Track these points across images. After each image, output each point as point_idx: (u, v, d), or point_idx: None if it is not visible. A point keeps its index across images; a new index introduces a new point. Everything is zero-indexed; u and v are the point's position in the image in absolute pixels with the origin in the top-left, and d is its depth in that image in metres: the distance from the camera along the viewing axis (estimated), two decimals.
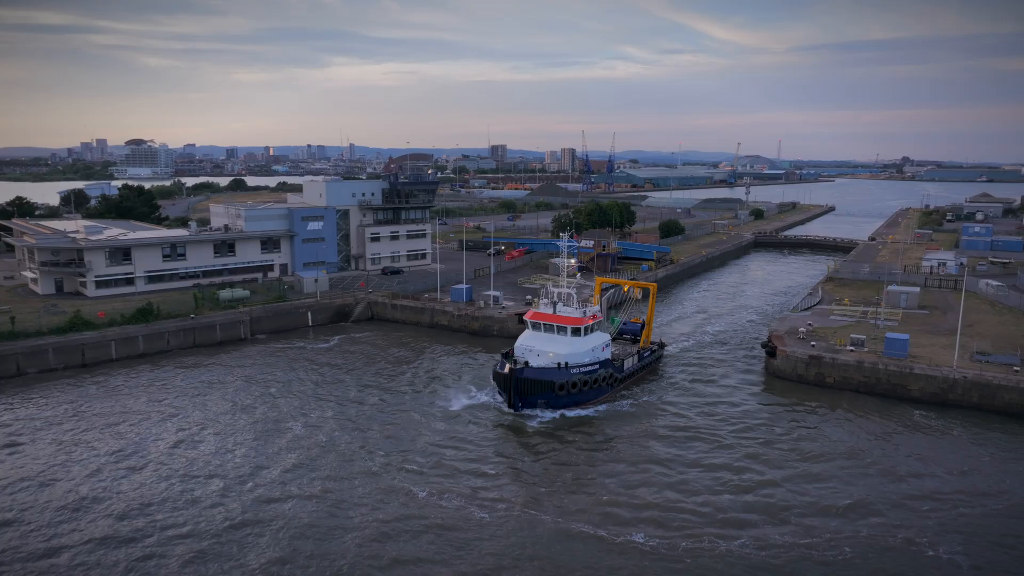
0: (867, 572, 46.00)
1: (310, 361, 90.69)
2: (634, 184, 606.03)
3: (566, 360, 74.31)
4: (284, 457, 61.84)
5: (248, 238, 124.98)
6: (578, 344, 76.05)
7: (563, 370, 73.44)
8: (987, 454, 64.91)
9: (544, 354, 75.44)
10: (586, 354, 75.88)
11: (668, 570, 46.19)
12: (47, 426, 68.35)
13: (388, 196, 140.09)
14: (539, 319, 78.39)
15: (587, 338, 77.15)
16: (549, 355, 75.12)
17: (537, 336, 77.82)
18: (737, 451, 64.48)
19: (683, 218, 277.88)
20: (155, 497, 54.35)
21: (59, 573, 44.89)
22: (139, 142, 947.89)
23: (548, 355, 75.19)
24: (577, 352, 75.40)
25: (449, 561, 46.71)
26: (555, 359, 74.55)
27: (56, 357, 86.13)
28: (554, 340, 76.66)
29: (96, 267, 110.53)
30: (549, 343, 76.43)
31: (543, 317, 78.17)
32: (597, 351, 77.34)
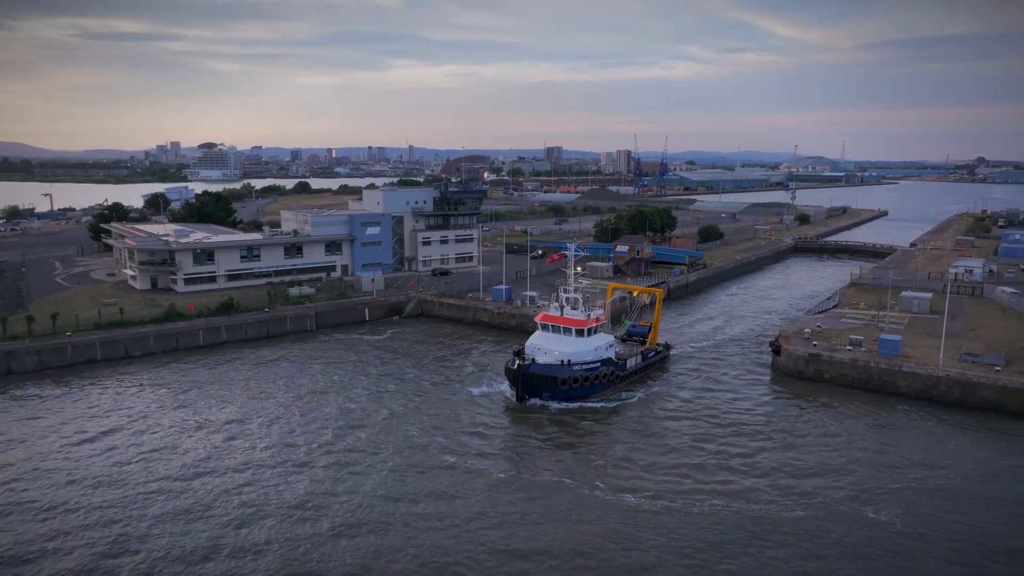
0: (811, 527, 55.80)
1: (366, 351, 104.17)
2: (687, 187, 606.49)
3: (569, 358, 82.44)
4: (347, 426, 74.86)
5: (314, 241, 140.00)
6: (581, 344, 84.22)
7: (566, 367, 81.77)
8: (953, 443, 73.21)
9: (550, 352, 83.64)
10: (589, 353, 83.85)
11: (651, 523, 56.95)
12: (175, 396, 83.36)
13: (439, 204, 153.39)
14: (548, 321, 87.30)
15: (591, 339, 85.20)
16: (555, 353, 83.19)
17: (546, 336, 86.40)
18: (728, 430, 74.50)
19: (727, 223, 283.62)
20: (266, 460, 68.06)
21: (213, 489, 58.57)
22: (210, 145, 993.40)
23: (554, 353, 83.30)
24: (580, 351, 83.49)
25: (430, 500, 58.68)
26: (559, 357, 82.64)
27: (156, 343, 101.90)
28: (560, 340, 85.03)
29: (185, 266, 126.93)
30: (556, 342, 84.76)
31: (551, 319, 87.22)
32: (600, 350, 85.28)
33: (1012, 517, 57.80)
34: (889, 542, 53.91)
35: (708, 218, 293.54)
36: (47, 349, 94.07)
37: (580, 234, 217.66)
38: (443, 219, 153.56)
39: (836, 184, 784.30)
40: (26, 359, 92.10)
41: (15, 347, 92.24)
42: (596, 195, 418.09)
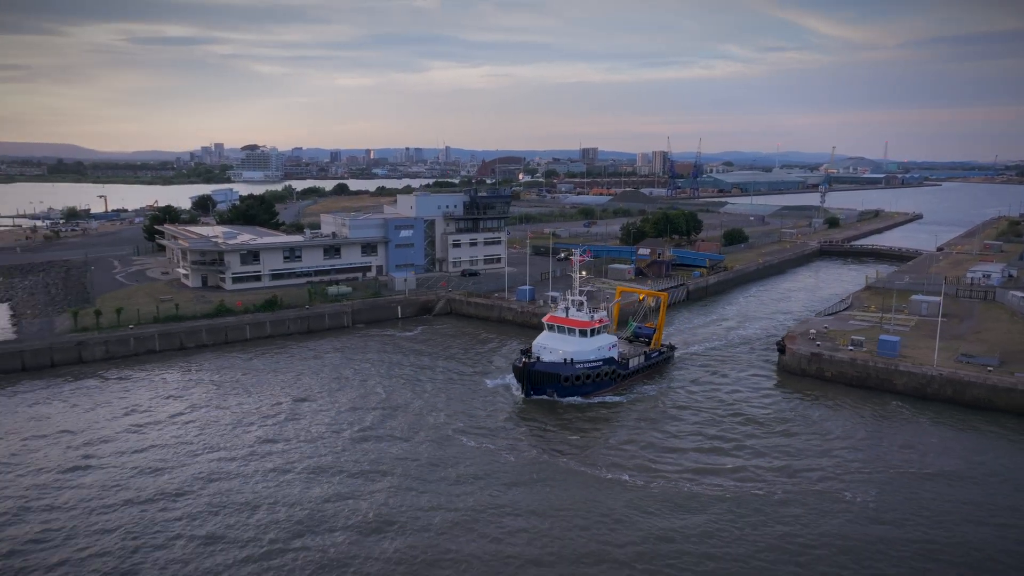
0: (789, 506, 62.05)
1: (397, 345, 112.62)
2: (721, 189, 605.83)
3: (572, 357, 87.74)
4: (377, 411, 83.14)
5: (351, 243, 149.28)
6: (584, 344, 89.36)
7: (569, 365, 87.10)
8: (937, 435, 78.53)
9: (555, 351, 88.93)
10: (591, 352, 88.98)
11: (642, 496, 63.84)
12: (227, 382, 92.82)
13: (468, 208, 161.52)
14: (554, 322, 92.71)
15: (593, 339, 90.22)
16: (559, 352, 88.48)
17: (552, 336, 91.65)
18: (727, 420, 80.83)
19: (755, 225, 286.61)
20: (323, 433, 76.80)
21: (278, 456, 67.27)
22: (253, 147, 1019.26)
23: (558, 352, 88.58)
24: (583, 351, 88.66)
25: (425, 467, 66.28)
26: (563, 356, 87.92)
27: (207, 336, 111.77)
28: (564, 340, 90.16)
29: (233, 266, 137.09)
30: (560, 342, 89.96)
31: (557, 320, 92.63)
32: (603, 350, 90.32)
33: (977, 501, 63.26)
34: (860, 520, 59.92)
35: (737, 221, 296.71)
36: (113, 340, 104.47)
37: (606, 236, 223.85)
38: (472, 222, 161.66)
39: (875, 186, 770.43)
40: (95, 349, 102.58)
41: (86, 338, 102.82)
42: (627, 197, 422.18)
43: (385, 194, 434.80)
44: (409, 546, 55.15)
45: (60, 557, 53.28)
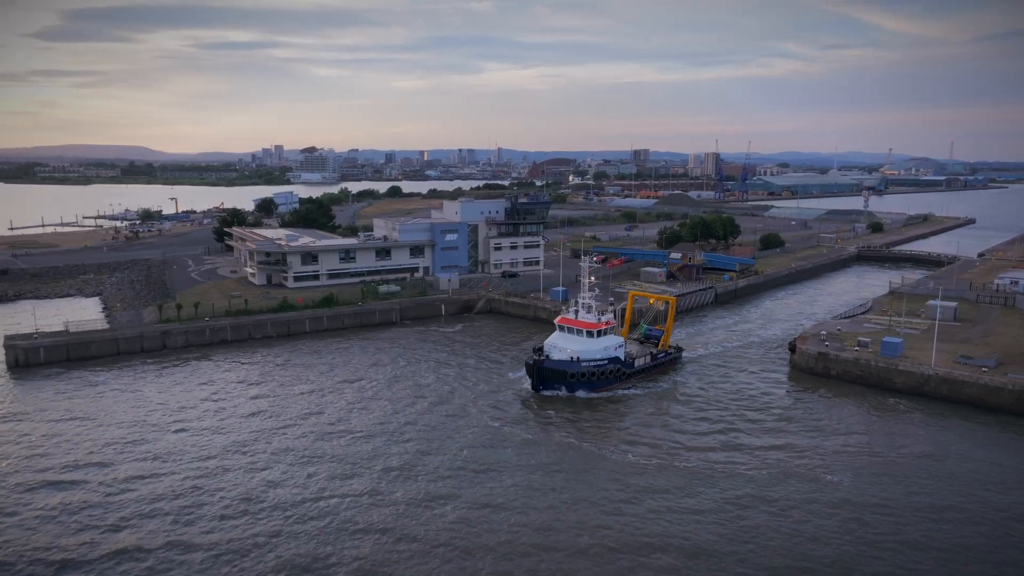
0: (772, 485, 70.88)
1: (440, 340, 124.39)
2: (771, 192, 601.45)
3: (578, 355, 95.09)
4: (421, 397, 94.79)
5: (401, 246, 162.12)
6: (591, 344, 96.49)
7: (575, 363, 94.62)
8: (923, 428, 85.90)
9: (563, 350, 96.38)
10: (597, 352, 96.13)
11: (640, 472, 73.62)
12: (291, 369, 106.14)
13: (510, 213, 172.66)
14: (565, 323, 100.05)
15: (600, 339, 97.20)
16: (567, 351, 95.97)
17: (562, 336, 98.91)
18: (729, 412, 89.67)
19: (797, 230, 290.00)
20: (391, 409, 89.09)
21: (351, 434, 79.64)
22: (312, 150, 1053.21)
23: (566, 351, 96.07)
24: (589, 350, 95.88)
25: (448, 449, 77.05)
26: (570, 354, 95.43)
27: (272, 328, 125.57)
28: (573, 339, 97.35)
29: (294, 266, 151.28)
30: (569, 341, 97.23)
31: (567, 321, 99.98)
32: (609, 350, 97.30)
33: (942, 484, 70.99)
34: (835, 496, 68.45)
35: (779, 225, 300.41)
36: (192, 330, 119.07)
37: (645, 240, 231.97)
38: (513, 227, 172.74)
39: (935, 188, 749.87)
40: (177, 337, 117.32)
41: (169, 328, 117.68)
42: (673, 201, 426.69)
43: (436, 197, 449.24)
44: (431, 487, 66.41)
45: (183, 477, 66.27)
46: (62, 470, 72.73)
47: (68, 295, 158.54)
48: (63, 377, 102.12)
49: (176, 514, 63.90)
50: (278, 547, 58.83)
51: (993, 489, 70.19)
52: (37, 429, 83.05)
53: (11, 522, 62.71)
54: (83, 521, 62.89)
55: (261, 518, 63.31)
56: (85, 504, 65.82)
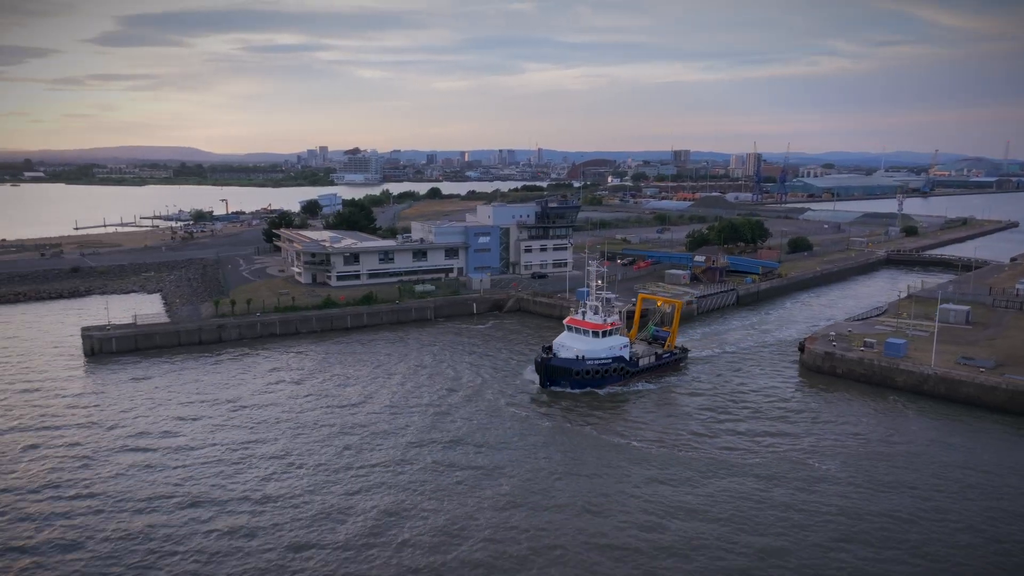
0: (762, 471, 77.87)
1: (471, 337, 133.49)
2: (811, 194, 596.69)
3: (584, 354, 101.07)
4: (452, 387, 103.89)
5: (436, 248, 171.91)
6: (596, 343, 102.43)
7: (580, 361, 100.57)
8: (917, 424, 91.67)
9: (570, 349, 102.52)
10: (602, 351, 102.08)
11: (642, 458, 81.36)
12: (335, 360, 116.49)
13: (540, 217, 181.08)
14: (572, 323, 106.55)
15: (605, 339, 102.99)
16: (573, 350, 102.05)
17: (570, 335, 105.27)
18: (732, 405, 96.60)
19: (830, 233, 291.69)
20: (420, 397, 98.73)
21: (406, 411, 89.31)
22: (355, 151, 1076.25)
23: (573, 350, 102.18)
24: (594, 349, 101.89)
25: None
26: (576, 353, 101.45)
27: (317, 323, 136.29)
28: (579, 339, 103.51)
29: (337, 266, 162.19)
30: (575, 341, 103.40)
31: (575, 322, 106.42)
32: (614, 349, 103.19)
33: (927, 474, 77.15)
34: (822, 481, 75.27)
35: (811, 229, 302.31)
36: (244, 324, 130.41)
37: (674, 243, 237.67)
38: (543, 230, 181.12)
39: (985, 190, 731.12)
40: (231, 331, 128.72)
41: (224, 322, 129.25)
42: (707, 203, 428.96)
43: (474, 198, 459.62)
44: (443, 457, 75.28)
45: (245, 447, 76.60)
46: (136, 437, 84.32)
47: (132, 291, 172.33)
48: (132, 364, 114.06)
49: (232, 470, 74.05)
50: (322, 492, 68.39)
51: (960, 470, 76.22)
52: (113, 406, 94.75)
53: (103, 473, 75.29)
54: (155, 476, 74.78)
55: (299, 473, 73.12)
56: (154, 463, 77.67)
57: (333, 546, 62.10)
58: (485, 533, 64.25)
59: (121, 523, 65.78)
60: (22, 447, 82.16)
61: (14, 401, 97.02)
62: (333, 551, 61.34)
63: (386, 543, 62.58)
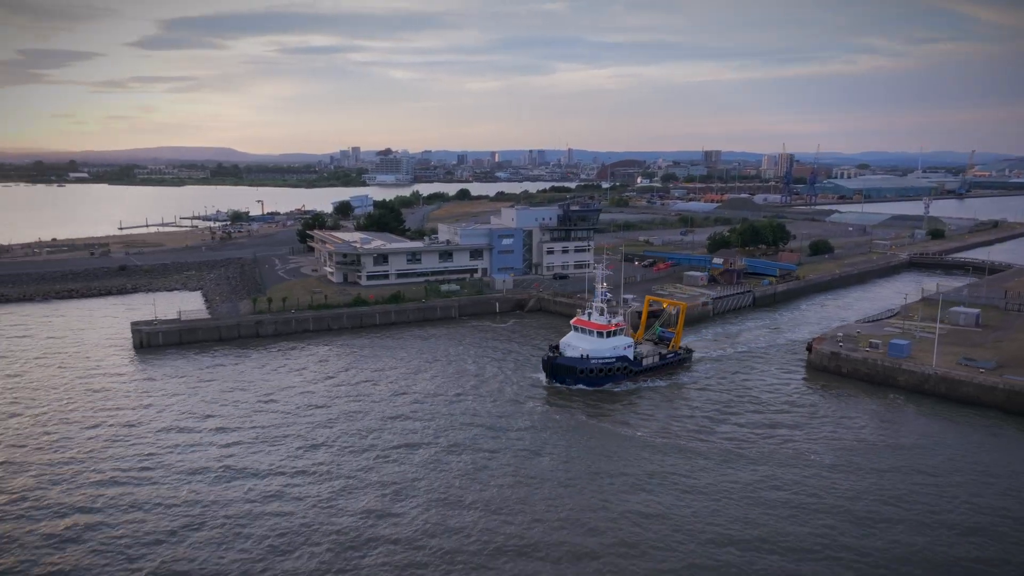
0: (759, 461, 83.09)
1: (492, 334, 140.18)
2: (841, 195, 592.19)
3: (588, 353, 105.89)
4: (479, 380, 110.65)
5: (461, 249, 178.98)
6: (600, 343, 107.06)
7: (584, 360, 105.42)
8: (913, 420, 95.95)
9: (576, 348, 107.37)
10: (606, 351, 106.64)
11: (647, 446, 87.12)
12: (365, 354, 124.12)
13: (562, 220, 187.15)
14: (579, 324, 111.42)
15: (609, 339, 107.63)
16: (578, 349, 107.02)
17: (577, 335, 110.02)
18: (736, 401, 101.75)
19: (855, 236, 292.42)
20: (442, 389, 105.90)
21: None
22: (387, 152, 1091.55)
23: (578, 349, 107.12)
24: (598, 348, 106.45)
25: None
26: (581, 352, 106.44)
27: (347, 320, 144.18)
28: (584, 339, 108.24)
29: (367, 266, 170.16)
30: (581, 341, 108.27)
31: (581, 323, 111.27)
32: (618, 349, 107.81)
33: (913, 467, 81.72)
34: (812, 468, 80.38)
35: (837, 231, 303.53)
36: (280, 321, 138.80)
37: (696, 245, 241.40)
38: (564, 233, 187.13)
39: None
40: (268, 327, 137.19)
41: (261, 318, 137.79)
42: (734, 205, 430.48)
43: (503, 199, 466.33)
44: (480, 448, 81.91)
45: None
46: (182, 418, 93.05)
47: (175, 289, 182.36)
48: (177, 356, 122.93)
49: (267, 447, 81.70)
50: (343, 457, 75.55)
51: (940, 456, 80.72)
52: (161, 392, 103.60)
53: (153, 449, 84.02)
54: (197, 453, 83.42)
55: (326, 449, 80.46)
56: (198, 442, 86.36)
57: (355, 512, 69.26)
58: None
59: (170, 489, 74.61)
60: (84, 426, 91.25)
61: (75, 387, 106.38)
62: (357, 517, 68.47)
63: (394, 513, 69.50)
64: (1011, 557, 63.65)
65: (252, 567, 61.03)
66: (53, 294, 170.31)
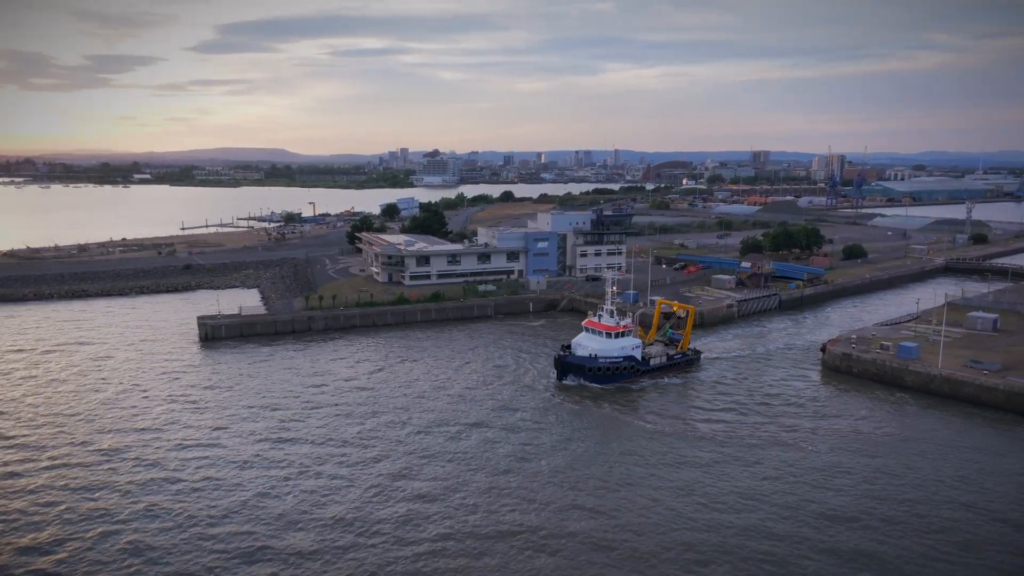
0: (758, 452, 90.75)
1: (525, 332, 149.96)
2: (890, 198, 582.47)
3: (596, 353, 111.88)
4: (507, 374, 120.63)
5: (498, 252, 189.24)
6: (609, 343, 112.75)
7: (592, 359, 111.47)
8: (913, 418, 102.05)
9: (586, 348, 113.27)
10: (614, 351, 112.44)
11: (654, 436, 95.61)
12: (409, 348, 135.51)
13: (595, 224, 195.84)
14: (589, 325, 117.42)
15: (617, 340, 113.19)
16: (588, 349, 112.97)
17: (587, 336, 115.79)
18: (745, 397, 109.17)
19: (893, 240, 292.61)
20: (479, 381, 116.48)
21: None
22: (435, 153, 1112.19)
23: (587, 349, 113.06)
24: (606, 348, 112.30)
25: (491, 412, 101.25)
26: (590, 351, 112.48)
27: (391, 317, 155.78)
28: (594, 339, 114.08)
29: (410, 267, 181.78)
30: (591, 341, 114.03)
31: (591, 324, 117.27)
32: (626, 349, 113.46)
33: (904, 461, 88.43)
34: (808, 460, 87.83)
35: (876, 235, 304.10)
36: (330, 317, 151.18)
37: (729, 249, 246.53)
38: (598, 237, 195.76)
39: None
40: (319, 322, 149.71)
41: (313, 315, 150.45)
42: (776, 208, 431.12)
43: (545, 201, 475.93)
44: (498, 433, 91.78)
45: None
46: (245, 408, 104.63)
47: (234, 287, 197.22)
48: (238, 348, 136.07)
49: (319, 422, 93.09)
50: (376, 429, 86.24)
51: (931, 456, 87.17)
52: (225, 378, 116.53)
53: (223, 435, 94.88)
54: (257, 425, 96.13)
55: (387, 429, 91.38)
56: (258, 418, 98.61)
57: (385, 473, 79.93)
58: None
59: (238, 455, 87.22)
60: (160, 406, 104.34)
61: (151, 372, 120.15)
62: (385, 477, 79.12)
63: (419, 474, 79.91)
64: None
65: (301, 503, 71.96)
66: (128, 290, 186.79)
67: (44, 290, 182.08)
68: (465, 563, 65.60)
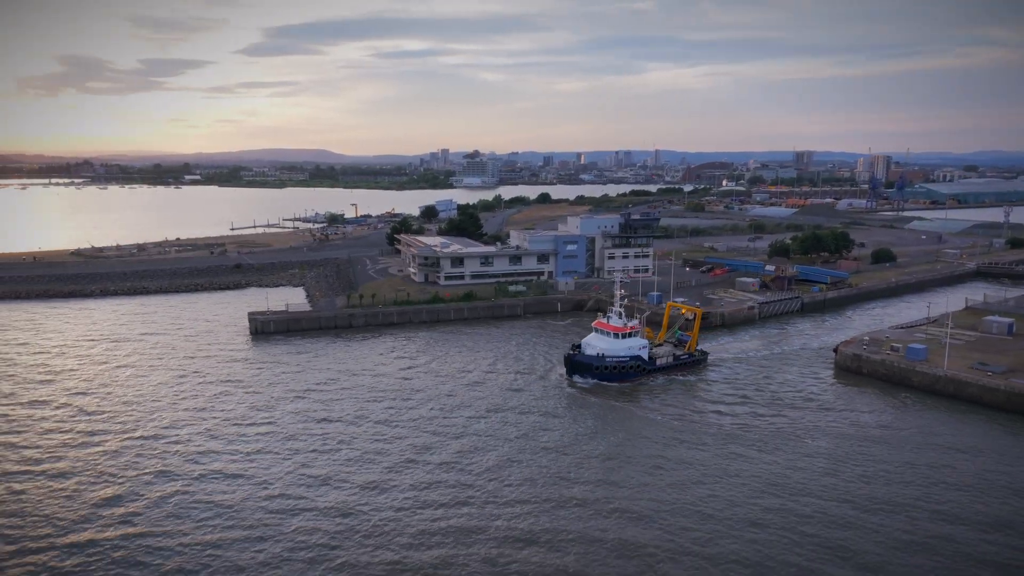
0: (759, 448, 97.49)
1: (551, 330, 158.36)
2: (934, 200, 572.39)
3: (603, 352, 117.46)
4: (527, 369, 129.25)
5: (529, 254, 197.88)
6: (616, 343, 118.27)
7: (600, 358, 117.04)
8: (914, 417, 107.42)
9: (594, 347, 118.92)
10: (622, 350, 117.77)
11: (661, 427, 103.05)
12: (443, 344, 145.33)
13: (623, 228, 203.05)
14: (599, 326, 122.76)
15: (625, 340, 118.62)
16: (596, 348, 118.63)
17: (596, 336, 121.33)
18: (754, 395, 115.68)
19: (928, 244, 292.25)
20: (504, 373, 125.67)
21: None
22: (475, 155, 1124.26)
23: (596, 348, 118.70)
24: (614, 348, 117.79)
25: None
26: (599, 351, 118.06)
27: (427, 315, 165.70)
28: (602, 339, 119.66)
29: (445, 268, 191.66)
30: (599, 341, 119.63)
31: (601, 324, 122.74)
32: (633, 349, 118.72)
33: (903, 460, 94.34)
34: (810, 453, 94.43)
35: (909, 239, 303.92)
36: (370, 314, 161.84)
37: (759, 252, 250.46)
38: (625, 240, 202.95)
39: None
40: (359, 319, 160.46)
41: (355, 312, 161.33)
42: (812, 211, 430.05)
43: (582, 203, 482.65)
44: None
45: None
46: (291, 392, 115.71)
47: (280, 285, 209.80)
48: (284, 342, 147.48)
49: (359, 406, 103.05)
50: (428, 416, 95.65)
51: (927, 450, 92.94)
52: (274, 368, 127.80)
53: (272, 416, 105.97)
54: (305, 406, 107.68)
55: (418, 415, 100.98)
56: (306, 406, 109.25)
57: (402, 448, 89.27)
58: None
59: (286, 436, 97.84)
60: (215, 393, 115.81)
61: (207, 361, 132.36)
62: (406, 449, 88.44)
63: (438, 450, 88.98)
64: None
65: (338, 472, 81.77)
66: (184, 288, 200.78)
67: (110, 287, 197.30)
68: (481, 524, 74.50)
